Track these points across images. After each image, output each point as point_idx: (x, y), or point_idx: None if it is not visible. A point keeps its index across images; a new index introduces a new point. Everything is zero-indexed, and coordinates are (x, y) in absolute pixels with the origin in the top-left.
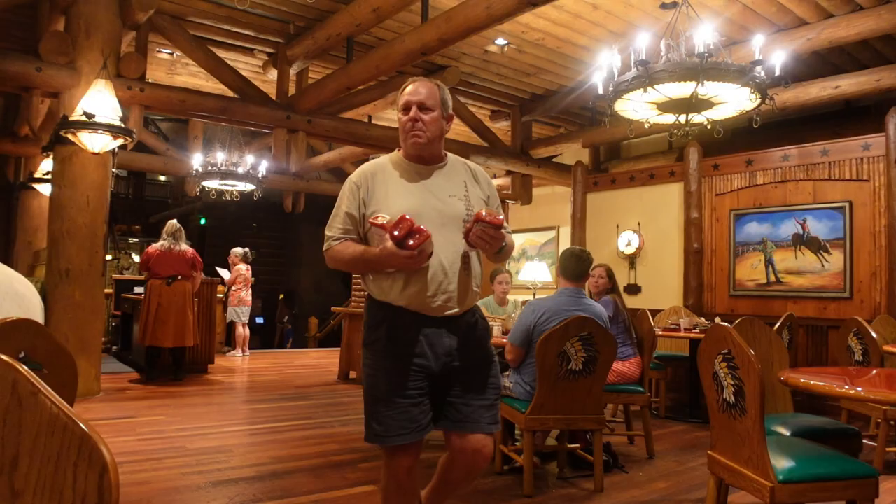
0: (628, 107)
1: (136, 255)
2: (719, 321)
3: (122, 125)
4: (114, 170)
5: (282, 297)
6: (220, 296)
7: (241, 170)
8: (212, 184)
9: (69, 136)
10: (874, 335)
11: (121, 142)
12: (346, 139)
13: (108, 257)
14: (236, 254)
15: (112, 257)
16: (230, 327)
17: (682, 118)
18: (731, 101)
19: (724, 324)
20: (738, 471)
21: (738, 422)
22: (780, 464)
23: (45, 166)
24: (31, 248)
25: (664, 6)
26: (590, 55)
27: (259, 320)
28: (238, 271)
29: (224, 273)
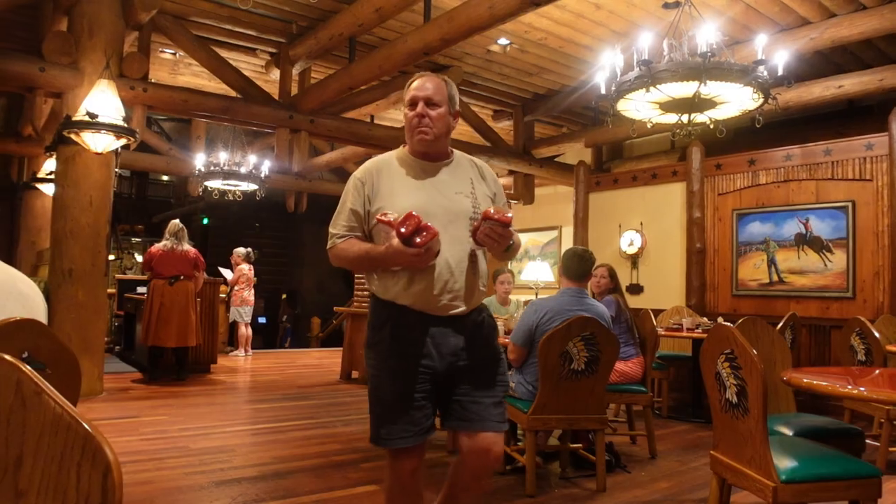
0: (631, 106)
1: (138, 254)
2: (722, 321)
3: (125, 125)
4: (117, 170)
5: (284, 296)
6: (223, 296)
7: (243, 170)
8: (214, 184)
9: (72, 136)
10: (877, 335)
11: (124, 142)
12: (348, 139)
13: (111, 257)
14: (239, 254)
15: (115, 257)
16: (233, 327)
17: (685, 118)
18: (733, 101)
19: (727, 324)
20: (741, 471)
21: (740, 422)
22: (783, 464)
23: (49, 166)
24: (35, 248)
25: (667, 6)
26: (592, 55)
27: (262, 320)
28: (241, 271)
29: (227, 273)
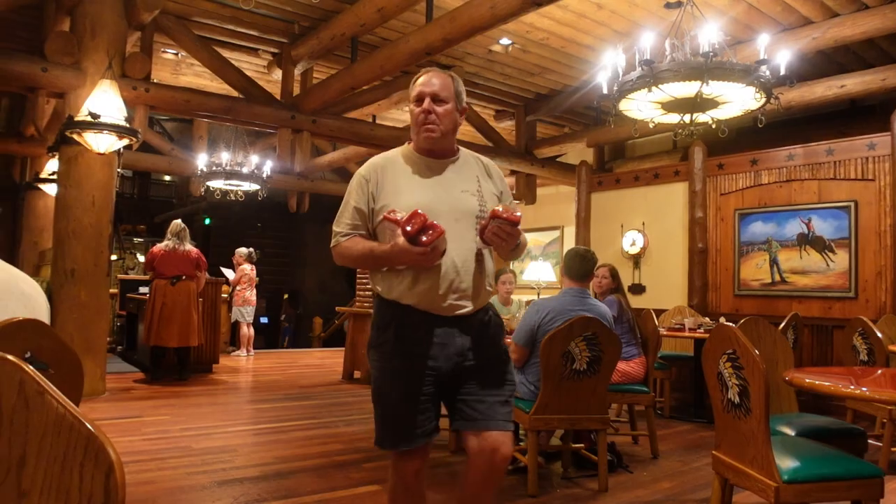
0: (633, 106)
1: (141, 255)
2: (724, 321)
3: (128, 125)
4: (119, 170)
5: (286, 296)
6: (225, 296)
7: (245, 170)
8: (216, 184)
9: (74, 136)
10: (879, 335)
11: (126, 142)
12: (350, 139)
13: (114, 257)
14: (241, 254)
15: (117, 257)
16: (235, 327)
17: (687, 118)
18: (735, 101)
19: (729, 324)
20: (743, 471)
21: (742, 422)
22: (785, 464)
23: (51, 166)
24: (37, 248)
25: (669, 5)
26: (594, 55)
27: (263, 320)
28: (242, 271)
29: (229, 273)
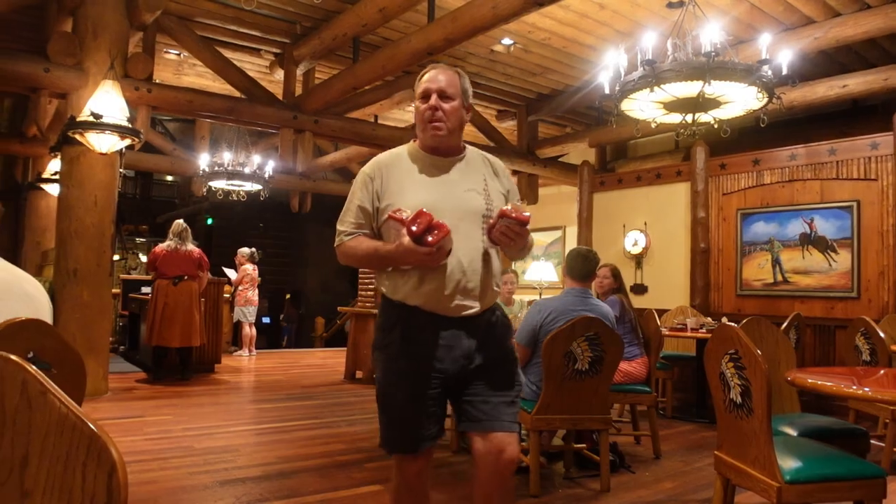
0: (635, 106)
1: (143, 255)
2: (726, 321)
3: (130, 126)
4: (121, 170)
5: (288, 296)
6: (227, 296)
7: (247, 170)
8: (218, 184)
9: (77, 136)
10: (882, 335)
11: (128, 142)
12: (352, 139)
13: (116, 257)
14: (243, 254)
15: (119, 257)
16: (237, 327)
17: (689, 118)
18: (737, 101)
19: (731, 324)
20: (745, 471)
21: (744, 422)
22: (787, 464)
23: (53, 167)
24: (40, 248)
25: (671, 5)
26: (596, 55)
27: (266, 320)
28: (245, 271)
29: (231, 273)
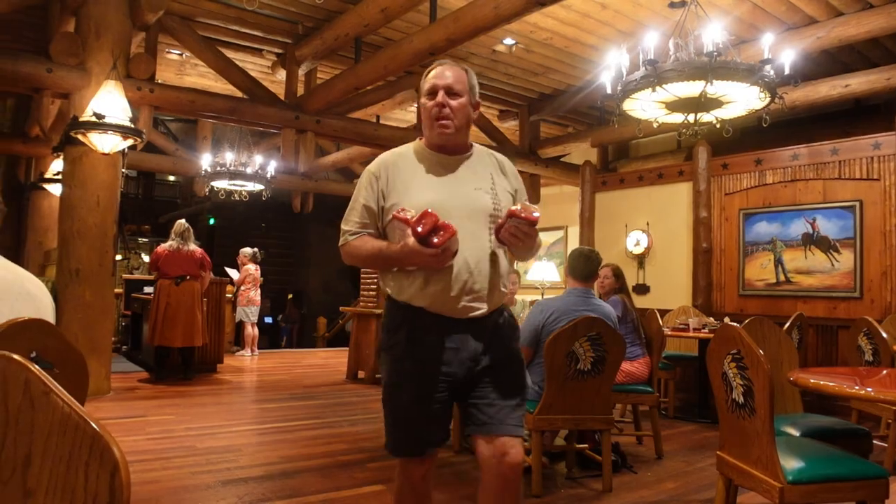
0: (637, 106)
1: (145, 255)
2: (728, 321)
3: (132, 126)
4: (123, 170)
5: (290, 296)
6: (229, 296)
7: (249, 170)
8: (221, 184)
9: (79, 136)
10: (884, 335)
11: (130, 142)
12: (354, 139)
13: (118, 257)
14: (245, 254)
15: (122, 257)
16: (239, 327)
17: (691, 117)
18: (740, 100)
19: (734, 324)
20: (748, 471)
21: (747, 422)
22: (790, 464)
23: (56, 167)
24: (42, 248)
25: (673, 5)
26: (598, 54)
27: (268, 320)
28: (247, 271)
29: (233, 273)
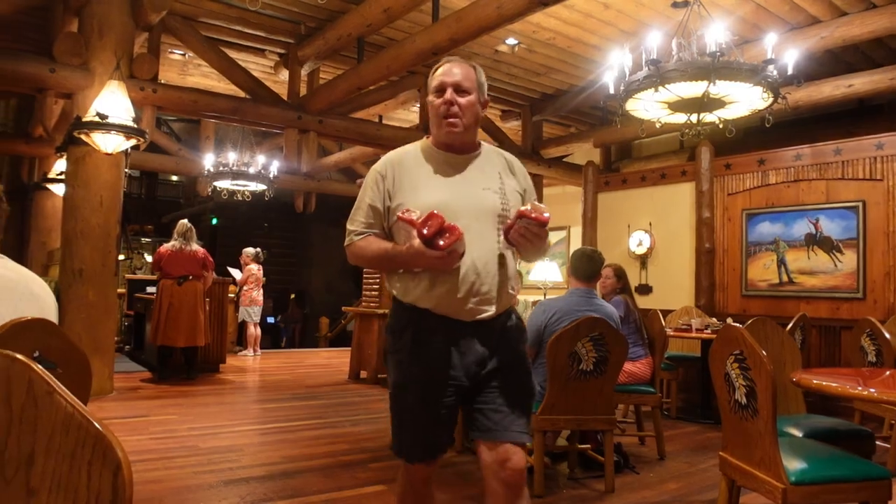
0: (639, 106)
1: (148, 255)
2: (731, 321)
3: (135, 126)
4: (126, 170)
5: (293, 296)
6: (232, 295)
7: (252, 170)
8: (223, 184)
9: (82, 136)
10: (887, 336)
11: (133, 142)
12: (356, 139)
13: (121, 257)
14: (248, 254)
15: (125, 257)
16: (242, 327)
17: (694, 117)
18: (743, 101)
19: (736, 324)
20: (750, 472)
21: (749, 423)
22: (793, 465)
23: (59, 167)
24: (45, 248)
25: (676, 5)
26: (601, 54)
27: (270, 320)
28: (249, 271)
29: (235, 273)
